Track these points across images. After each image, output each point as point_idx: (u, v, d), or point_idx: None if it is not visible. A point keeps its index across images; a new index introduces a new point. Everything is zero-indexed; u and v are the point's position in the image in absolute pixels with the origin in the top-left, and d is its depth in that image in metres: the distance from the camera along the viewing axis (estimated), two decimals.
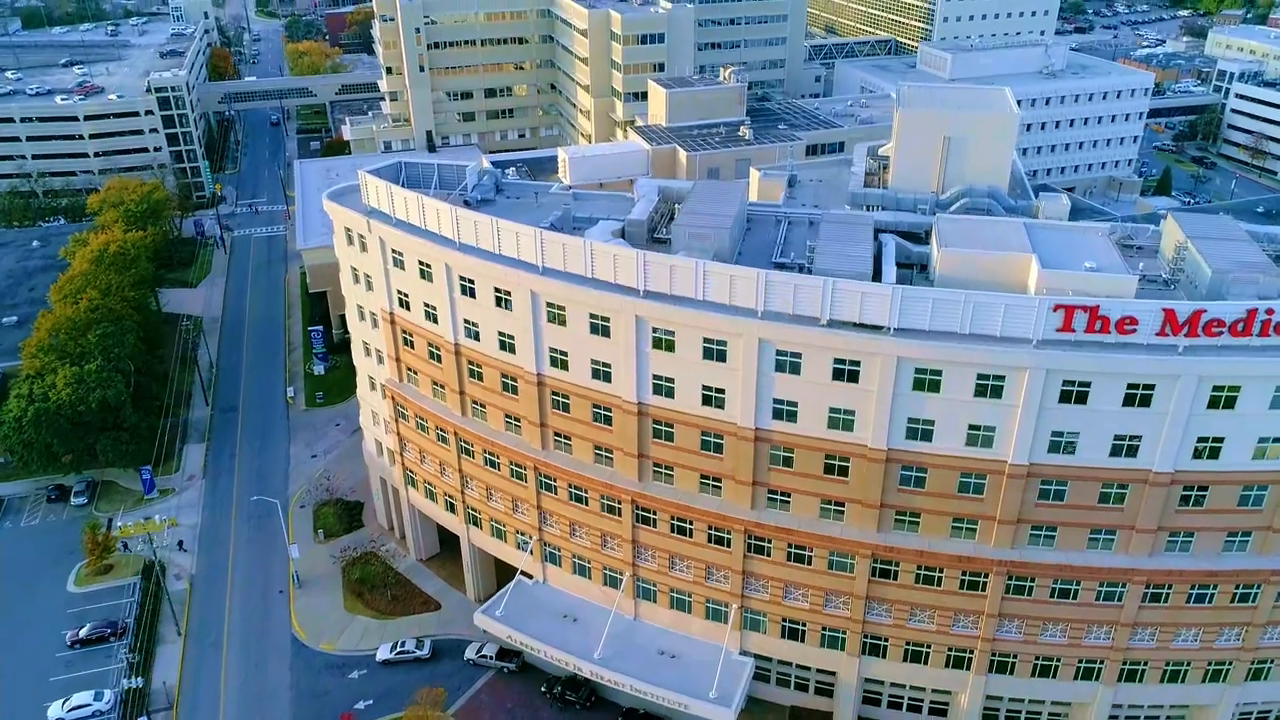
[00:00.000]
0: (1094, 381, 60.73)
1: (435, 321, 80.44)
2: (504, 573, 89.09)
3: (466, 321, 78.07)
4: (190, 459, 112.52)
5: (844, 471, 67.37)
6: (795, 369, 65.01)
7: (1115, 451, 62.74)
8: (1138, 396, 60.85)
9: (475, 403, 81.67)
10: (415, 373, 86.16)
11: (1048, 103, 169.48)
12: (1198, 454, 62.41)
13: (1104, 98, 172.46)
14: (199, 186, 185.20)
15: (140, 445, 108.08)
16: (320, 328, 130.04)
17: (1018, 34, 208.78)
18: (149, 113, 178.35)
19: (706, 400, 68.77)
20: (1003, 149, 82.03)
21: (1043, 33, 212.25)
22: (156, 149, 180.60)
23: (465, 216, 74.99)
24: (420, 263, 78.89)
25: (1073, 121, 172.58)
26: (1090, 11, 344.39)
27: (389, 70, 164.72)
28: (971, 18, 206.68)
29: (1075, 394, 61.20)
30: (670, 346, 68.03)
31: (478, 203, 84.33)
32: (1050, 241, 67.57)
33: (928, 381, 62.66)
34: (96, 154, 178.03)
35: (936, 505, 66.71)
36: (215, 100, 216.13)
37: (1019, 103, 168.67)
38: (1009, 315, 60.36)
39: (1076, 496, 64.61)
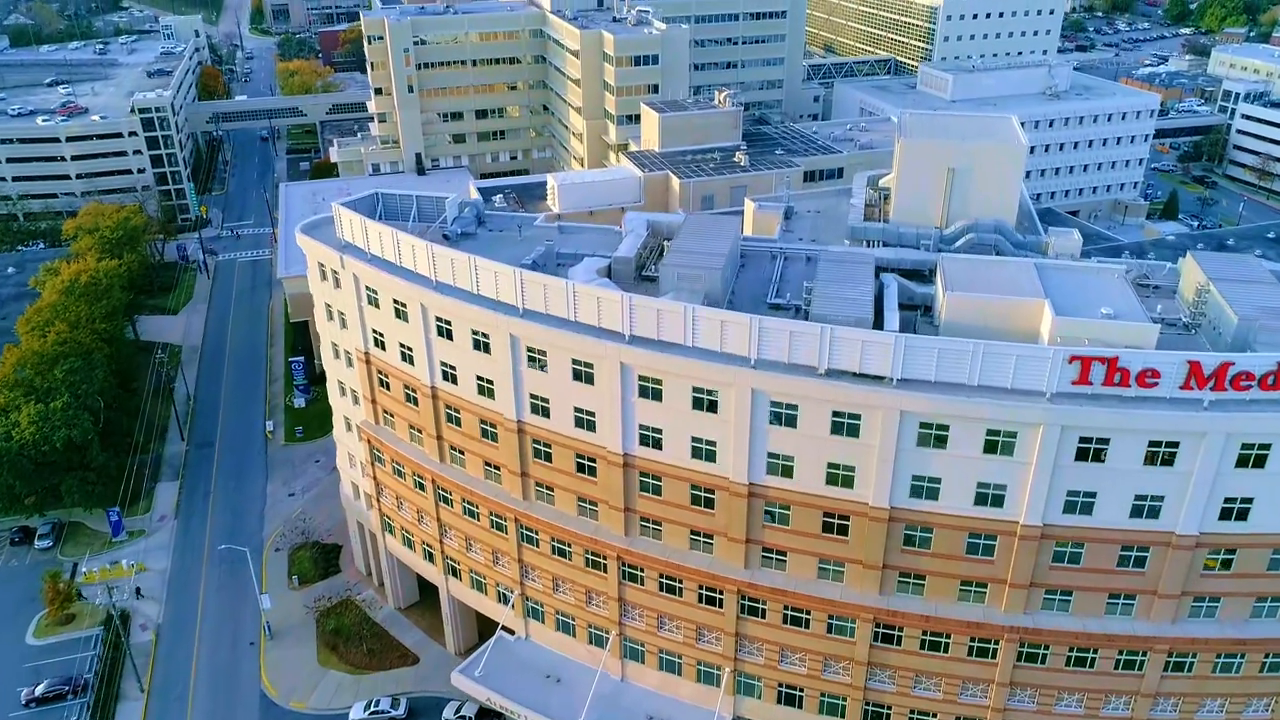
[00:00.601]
0: (1113, 438, 56.35)
1: (411, 363, 76.15)
2: (486, 624, 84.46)
3: (443, 364, 73.77)
4: (162, 498, 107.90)
5: (843, 530, 62.89)
6: (791, 422, 60.63)
7: (1136, 512, 58.28)
8: (1160, 454, 56.46)
9: (453, 449, 77.25)
10: (391, 415, 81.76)
11: (1051, 125, 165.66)
12: (1225, 515, 57.95)
13: (1109, 119, 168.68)
14: (184, 209, 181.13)
15: (108, 486, 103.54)
16: (301, 358, 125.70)
17: (1019, 54, 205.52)
18: (132, 134, 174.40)
19: (696, 453, 64.37)
20: (1010, 181, 77.78)
21: (1045, 52, 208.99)
22: (140, 171, 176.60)
23: (442, 254, 70.78)
24: (395, 302, 74.66)
25: (1077, 144, 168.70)
26: (1091, 30, 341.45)
27: (378, 91, 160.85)
28: (973, 37, 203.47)
29: (1093, 451, 56.82)
30: (658, 395, 63.69)
31: (458, 237, 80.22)
32: (1063, 283, 63.29)
33: (933, 437, 58.28)
34: (78, 176, 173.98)
35: (943, 567, 62.20)
36: (203, 120, 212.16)
37: (1022, 124, 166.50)
38: (1021, 367, 56.06)
39: (1094, 559, 60.10)
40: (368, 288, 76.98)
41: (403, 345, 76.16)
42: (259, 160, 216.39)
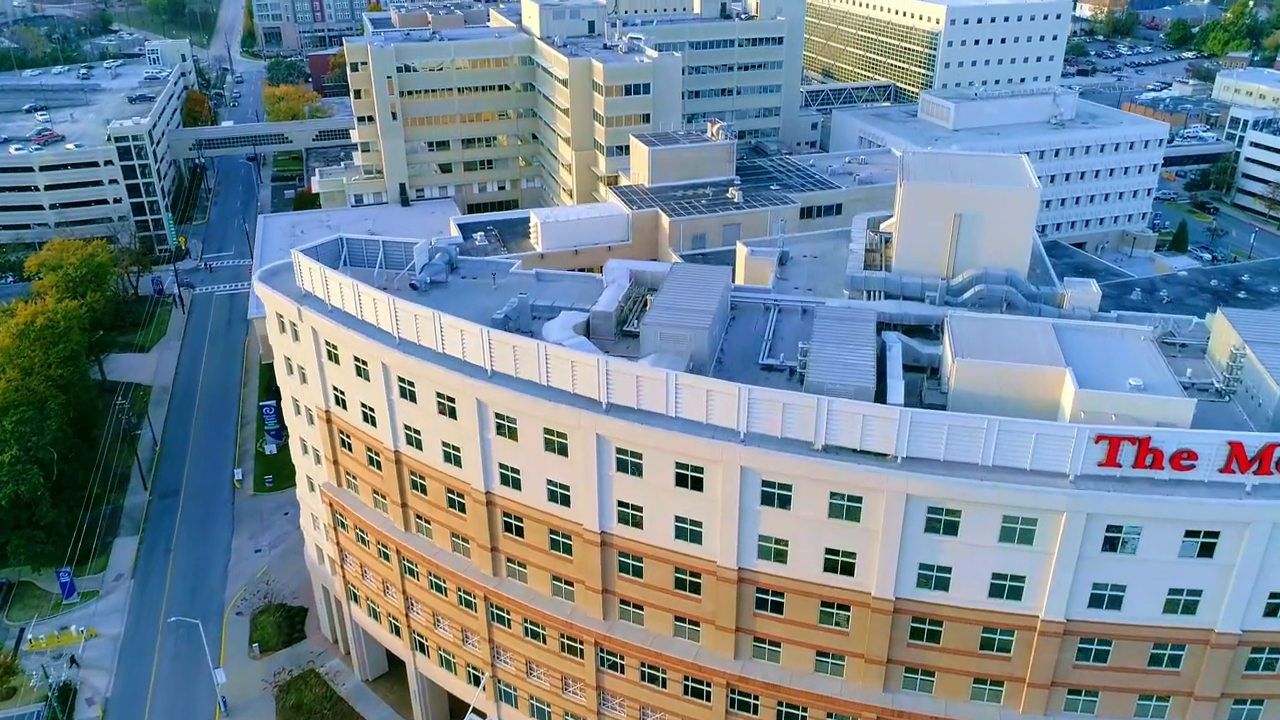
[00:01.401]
0: (1145, 527, 50.28)
1: (373, 425, 70.19)
2: (458, 702, 78.15)
3: (407, 427, 67.84)
4: (120, 555, 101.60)
5: (844, 621, 56.72)
6: (785, 503, 54.58)
7: (1171, 608, 52.14)
8: (1198, 545, 50.39)
9: (419, 517, 71.16)
10: (354, 478, 75.70)
11: (1056, 154, 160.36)
12: (1270, 612, 51.82)
13: (1116, 149, 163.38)
14: (162, 240, 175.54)
15: (59, 544, 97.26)
16: (273, 402, 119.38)
17: (1022, 80, 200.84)
18: (108, 163, 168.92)
19: (681, 534, 58.30)
20: (1022, 228, 72.01)
21: (1048, 78, 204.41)
22: (116, 200, 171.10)
23: (405, 309, 64.96)
24: (356, 359, 68.78)
25: (1083, 174, 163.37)
26: (1092, 53, 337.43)
27: (361, 119, 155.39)
28: (974, 63, 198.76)
29: (1122, 541, 50.75)
30: (637, 470, 57.67)
31: (427, 286, 74.45)
32: (1085, 347, 57.41)
33: (943, 523, 52.20)
34: (52, 206, 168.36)
35: (955, 663, 55.99)
36: (186, 147, 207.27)
37: (1026, 155, 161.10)
38: (1041, 446, 50.10)
39: (1123, 658, 53.89)
40: (327, 342, 71.14)
41: (364, 405, 70.28)
42: (243, 188, 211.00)
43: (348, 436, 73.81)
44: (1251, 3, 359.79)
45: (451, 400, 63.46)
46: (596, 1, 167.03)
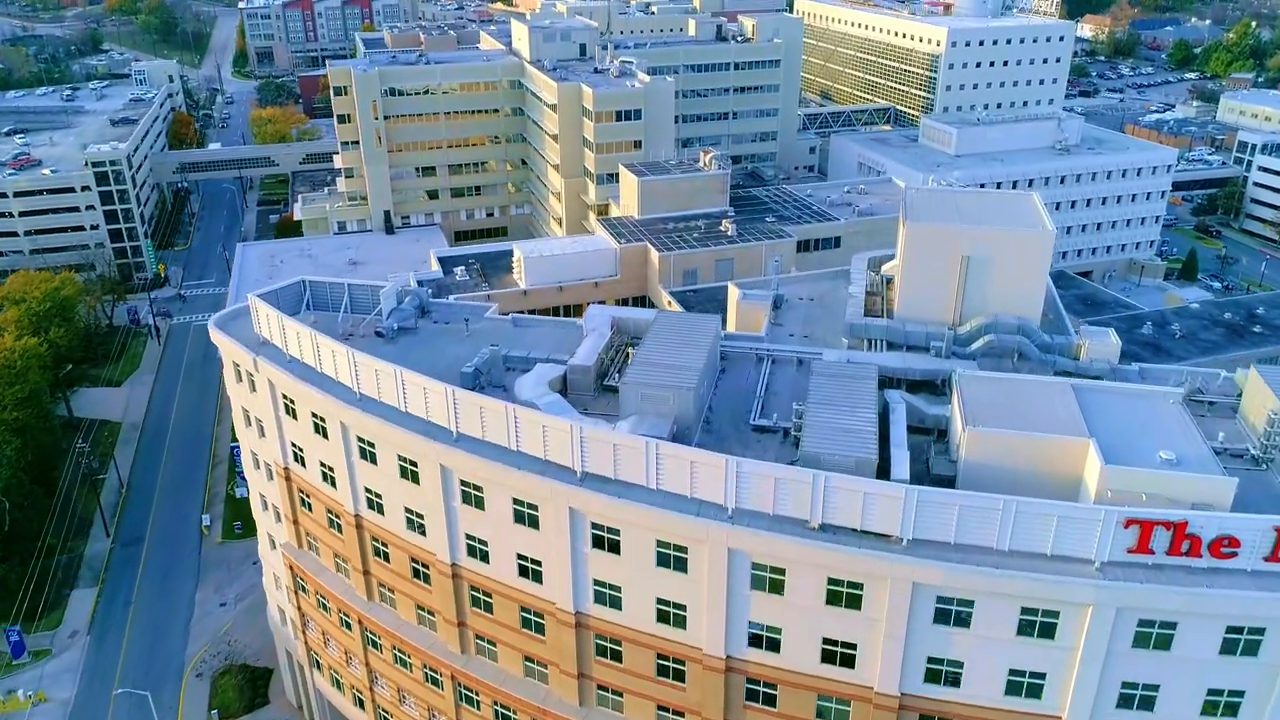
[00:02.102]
0: (1180, 621, 44.82)
1: (334, 485, 64.84)
2: None
3: (368, 490, 62.48)
4: (76, 609, 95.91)
5: (844, 717, 51.11)
6: (777, 588, 49.13)
7: (1209, 709, 46.57)
8: (1241, 642, 44.89)
9: (383, 586, 65.68)
10: (315, 540, 70.24)
11: (1062, 181, 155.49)
12: None
13: (1123, 175, 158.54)
14: (140, 267, 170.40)
15: (8, 599, 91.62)
16: None
17: (1025, 103, 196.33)
18: (85, 189, 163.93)
19: (663, 617, 52.83)
20: (1035, 273, 66.77)
21: (1051, 101, 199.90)
22: (93, 227, 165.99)
23: (365, 364, 59.71)
24: (314, 415, 63.45)
25: (1090, 201, 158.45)
26: (1094, 74, 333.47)
27: (345, 144, 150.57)
28: (975, 86, 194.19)
29: (1155, 637, 45.25)
30: (615, 548, 52.25)
31: (394, 334, 69.28)
32: (1108, 412, 52.04)
33: (954, 614, 46.74)
34: (26, 233, 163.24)
35: None
36: (170, 170, 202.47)
37: (1030, 182, 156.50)
38: (1064, 530, 44.77)
39: None
40: (284, 396, 65.84)
41: (323, 464, 64.96)
42: (227, 213, 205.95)
43: (307, 496, 68.43)
44: (1254, 23, 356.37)
45: (414, 464, 58.14)
46: (588, 24, 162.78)
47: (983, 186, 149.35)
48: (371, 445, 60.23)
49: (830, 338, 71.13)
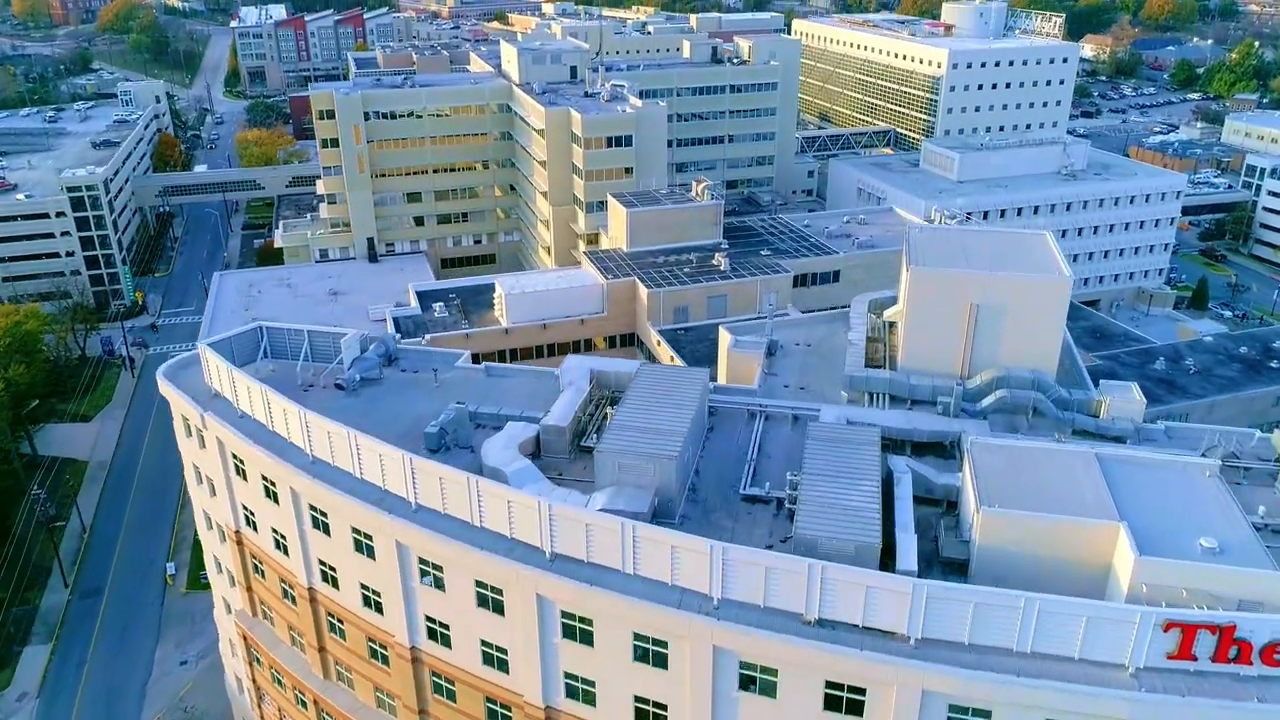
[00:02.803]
0: None
1: (286, 554, 59.41)
2: None
3: (322, 563, 57.02)
4: (27, 668, 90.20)
5: None
6: (769, 690, 43.61)
7: None
8: None
9: (340, 665, 60.11)
10: (270, 610, 64.72)
11: (1069, 208, 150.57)
12: None
13: (1131, 202, 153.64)
14: (118, 294, 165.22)
15: None
16: None
17: (1028, 126, 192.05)
18: (60, 214, 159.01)
19: (642, 716, 47.27)
20: (1051, 322, 61.57)
21: (1055, 124, 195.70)
22: (69, 254, 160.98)
23: (317, 424, 54.45)
24: (264, 478, 58.09)
25: (1097, 228, 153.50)
26: (1095, 94, 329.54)
27: (328, 170, 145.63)
28: (978, 109, 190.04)
29: None
30: (588, 639, 46.76)
31: (356, 385, 64.02)
32: (1137, 487, 46.64)
33: None
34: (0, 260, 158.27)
35: None
36: (153, 194, 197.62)
37: (1035, 209, 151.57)
38: (1094, 631, 39.35)
39: None
40: (234, 455, 60.48)
41: (275, 531, 59.55)
42: (211, 237, 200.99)
43: (260, 562, 63.01)
44: (1257, 43, 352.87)
45: (369, 538, 52.71)
46: (579, 46, 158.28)
47: (986, 215, 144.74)
48: (324, 515, 54.85)
49: (828, 390, 65.84)
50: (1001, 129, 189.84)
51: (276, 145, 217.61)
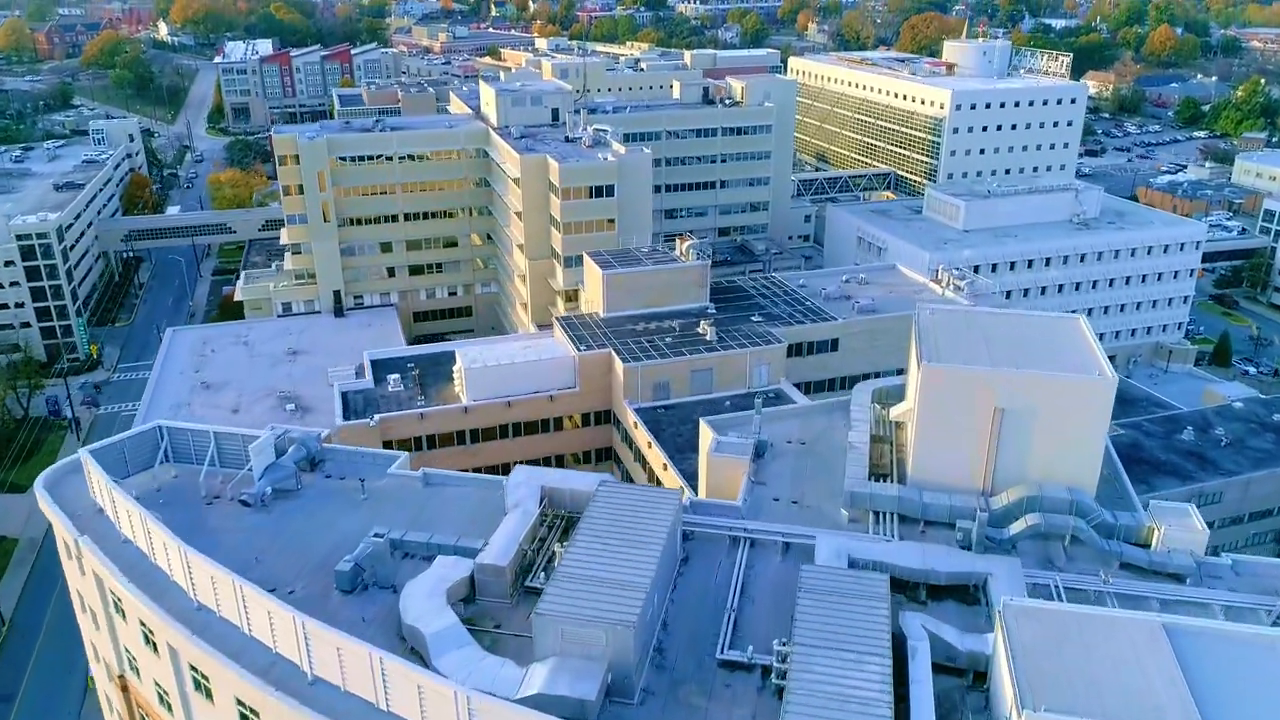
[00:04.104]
0: None
1: (170, 711, 49.13)
2: None
3: None
4: None
5: None
6: None
7: None
8: None
9: None
10: None
11: (1082, 259, 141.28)
12: None
13: (1149, 253, 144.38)
14: (71, 347, 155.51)
15: None
16: None
17: (1035, 169, 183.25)
18: (9, 263, 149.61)
19: None
20: (1091, 431, 51.61)
21: (1063, 167, 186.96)
22: (19, 305, 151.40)
23: (200, 567, 44.43)
24: (142, 624, 47.97)
25: (1112, 281, 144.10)
26: (1099, 132, 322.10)
27: (291, 219, 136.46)
28: (982, 151, 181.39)
29: None
30: None
31: (267, 499, 54.18)
32: (1219, 673, 36.53)
33: None
34: None
35: None
36: (118, 238, 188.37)
37: (1047, 261, 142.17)
38: None
39: None
40: (112, 592, 50.41)
41: (158, 685, 49.36)
42: (179, 284, 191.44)
43: (146, 716, 52.64)
44: (1263, 80, 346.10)
45: (255, 714, 42.49)
46: (562, 87, 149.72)
47: (995, 268, 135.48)
48: (206, 679, 44.68)
49: (826, 505, 55.75)
50: (1007, 172, 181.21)
51: (251, 187, 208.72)
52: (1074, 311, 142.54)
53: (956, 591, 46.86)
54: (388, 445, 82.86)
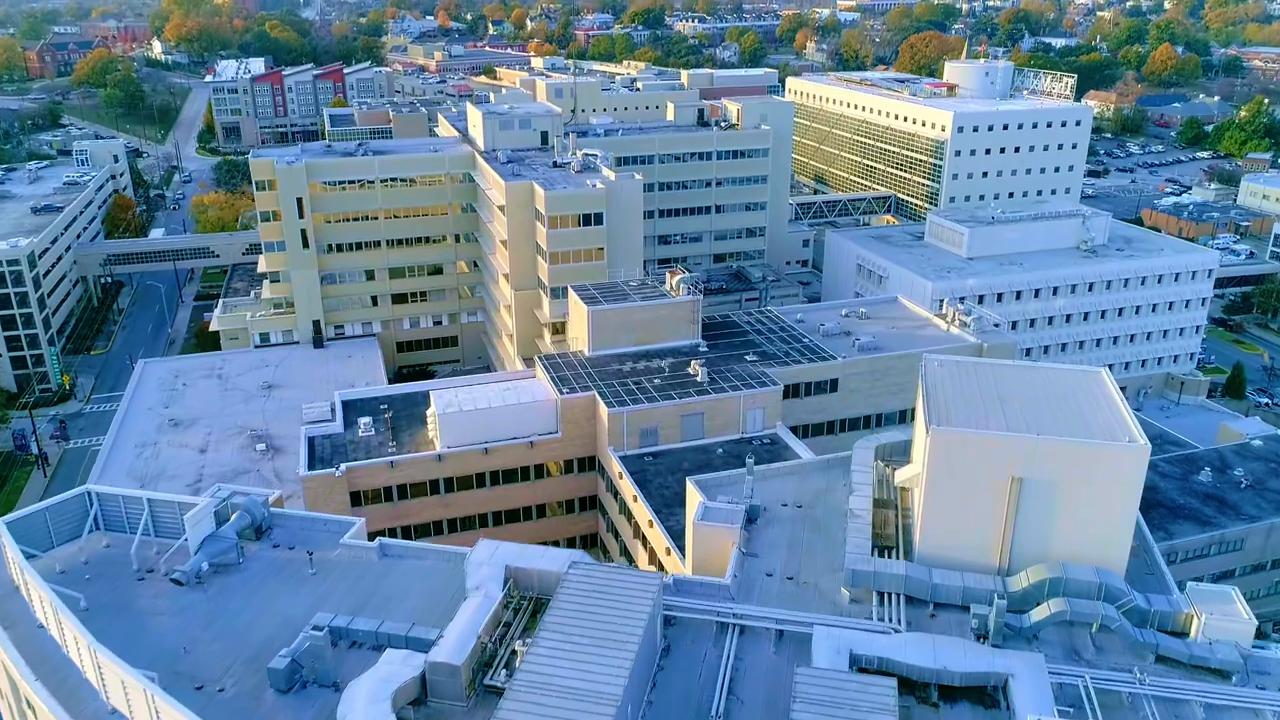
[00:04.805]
0: None
1: None
2: None
3: None
4: None
5: None
6: None
7: None
8: None
9: None
10: None
11: (1090, 289, 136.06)
12: None
13: (1159, 281, 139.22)
14: (43, 377, 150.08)
15: None
16: None
17: (1039, 193, 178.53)
18: None
19: None
20: (1122, 506, 46.27)
21: (1068, 191, 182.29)
22: None
23: (111, 670, 39.04)
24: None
25: (1122, 310, 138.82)
26: (1101, 152, 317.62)
27: (270, 246, 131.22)
28: (985, 174, 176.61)
29: None
30: None
31: (202, 575, 48.79)
32: None
33: None
34: None
35: None
36: (97, 263, 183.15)
37: (1054, 290, 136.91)
38: None
39: None
40: (15, 682, 44.88)
41: None
42: (159, 310, 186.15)
43: None
44: (1266, 100, 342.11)
45: None
46: (551, 110, 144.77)
47: (1000, 297, 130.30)
48: None
49: (824, 581, 50.30)
50: (1011, 196, 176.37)
51: (237, 209, 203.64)
52: (1081, 344, 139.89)
53: (972, 693, 41.40)
54: (356, 496, 77.47)
